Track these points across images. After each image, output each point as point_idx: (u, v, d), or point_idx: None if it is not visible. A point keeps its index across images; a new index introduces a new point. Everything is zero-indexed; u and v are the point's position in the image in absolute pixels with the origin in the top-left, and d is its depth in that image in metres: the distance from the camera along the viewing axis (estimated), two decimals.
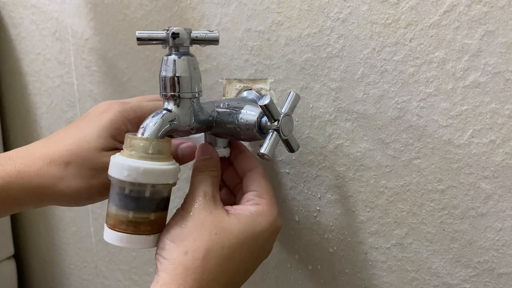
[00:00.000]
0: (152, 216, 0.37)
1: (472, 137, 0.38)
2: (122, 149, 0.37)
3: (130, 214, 0.36)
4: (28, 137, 0.85)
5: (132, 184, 0.35)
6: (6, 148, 0.90)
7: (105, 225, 0.37)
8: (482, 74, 0.36)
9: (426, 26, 0.38)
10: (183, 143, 0.45)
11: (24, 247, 0.96)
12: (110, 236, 0.36)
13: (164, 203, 0.38)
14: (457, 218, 0.40)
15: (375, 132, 0.42)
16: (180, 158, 0.44)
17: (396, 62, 0.40)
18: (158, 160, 0.36)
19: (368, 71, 0.41)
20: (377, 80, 0.41)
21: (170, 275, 0.34)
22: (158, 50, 0.59)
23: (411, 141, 0.41)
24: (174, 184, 0.38)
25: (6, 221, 0.91)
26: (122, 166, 0.35)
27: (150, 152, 0.36)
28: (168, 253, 0.36)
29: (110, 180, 0.36)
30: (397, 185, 0.42)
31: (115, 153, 0.37)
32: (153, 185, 0.36)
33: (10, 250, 0.92)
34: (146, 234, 0.36)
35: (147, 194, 0.36)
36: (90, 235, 0.80)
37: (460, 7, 0.36)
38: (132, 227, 0.36)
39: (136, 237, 0.36)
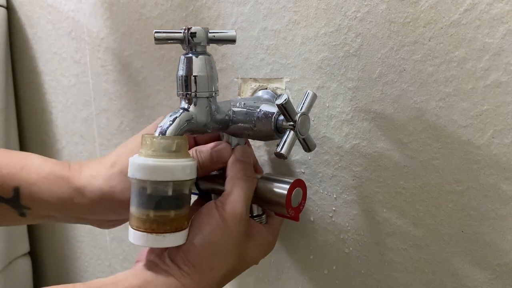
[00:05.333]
0: (186, 211, 0.37)
1: (493, 137, 0.37)
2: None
3: (172, 213, 0.36)
4: (43, 136, 0.86)
5: (175, 183, 0.35)
6: (21, 146, 0.91)
7: (141, 232, 0.36)
8: (503, 74, 0.35)
9: (446, 25, 0.37)
10: (215, 145, 0.45)
11: (39, 244, 0.97)
12: (150, 239, 0.36)
13: (191, 197, 0.39)
14: (477, 220, 0.39)
15: (392, 132, 0.42)
16: (214, 161, 0.44)
17: (415, 61, 0.39)
18: (183, 157, 0.36)
19: (386, 70, 0.41)
20: (395, 80, 0.41)
21: (195, 281, 0.37)
22: (174, 49, 0.59)
23: (429, 141, 0.40)
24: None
25: None
26: (158, 167, 0.35)
27: (174, 149, 0.36)
28: (197, 260, 0.37)
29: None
30: (414, 185, 0.42)
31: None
32: (186, 182, 0.36)
33: (26, 247, 0.94)
34: (183, 230, 0.37)
35: (186, 191, 0.37)
36: (105, 233, 0.80)
37: (481, 6, 0.35)
38: (175, 225, 0.36)
39: (176, 234, 0.36)
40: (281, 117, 0.40)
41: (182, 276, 0.36)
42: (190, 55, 0.39)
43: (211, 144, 0.45)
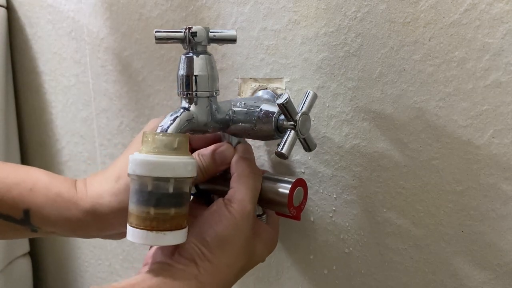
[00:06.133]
0: (186, 209, 0.37)
1: (493, 137, 0.37)
2: None
3: (172, 211, 0.36)
4: (43, 135, 0.86)
5: (176, 180, 0.35)
6: (21, 146, 0.91)
7: (140, 230, 0.35)
8: (503, 74, 0.36)
9: (446, 25, 0.37)
10: (217, 147, 0.45)
11: (39, 244, 0.97)
12: (150, 237, 0.35)
13: (189, 197, 0.39)
14: (477, 220, 0.39)
15: (393, 132, 0.42)
16: (217, 164, 0.44)
17: (415, 61, 0.39)
18: (184, 154, 0.36)
19: (386, 70, 0.41)
20: (395, 80, 0.41)
21: (212, 278, 0.37)
22: (174, 49, 0.59)
23: (429, 141, 0.40)
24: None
25: None
26: (160, 163, 0.35)
27: (175, 147, 0.36)
28: (214, 257, 0.37)
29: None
30: (414, 185, 0.42)
31: None
32: (187, 179, 0.36)
33: (26, 247, 0.94)
34: (183, 228, 0.37)
35: (187, 189, 0.37)
36: None
37: (481, 6, 0.36)
38: (175, 224, 0.36)
39: (176, 232, 0.36)
40: (282, 117, 0.40)
41: (199, 273, 0.37)
42: (191, 54, 0.39)
43: (212, 147, 0.44)
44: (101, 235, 0.45)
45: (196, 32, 0.38)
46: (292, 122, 0.39)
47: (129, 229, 0.36)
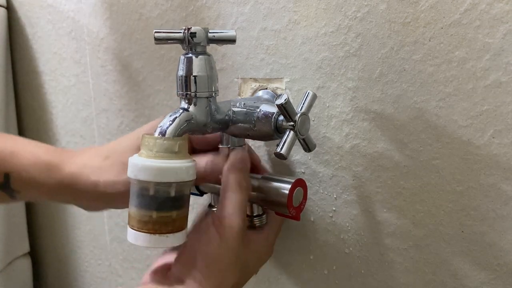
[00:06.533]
0: (186, 211, 0.37)
1: (493, 137, 0.37)
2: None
3: (174, 214, 0.36)
4: (43, 136, 0.86)
5: (178, 184, 0.35)
6: None
7: (143, 233, 0.36)
8: (503, 74, 0.35)
9: (446, 25, 0.37)
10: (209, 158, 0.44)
11: (39, 244, 0.97)
12: (153, 240, 0.35)
13: (189, 198, 0.39)
14: (477, 220, 0.39)
15: (393, 132, 0.42)
16: (208, 173, 0.44)
17: (415, 61, 0.39)
18: (184, 158, 0.36)
19: (386, 70, 0.41)
20: (395, 80, 0.41)
21: None
22: (174, 49, 0.59)
23: (429, 141, 0.40)
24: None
25: (21, 218, 0.92)
26: (163, 169, 0.35)
27: (176, 150, 0.36)
28: (203, 278, 0.37)
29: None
30: (415, 185, 0.42)
31: None
32: (188, 182, 0.36)
33: (26, 248, 0.94)
34: (184, 230, 0.37)
35: (187, 192, 0.37)
36: (105, 233, 0.80)
37: (482, 6, 0.35)
38: (177, 226, 0.36)
39: (177, 234, 0.36)
40: (281, 117, 0.40)
41: None
42: (190, 55, 0.39)
43: (209, 156, 0.44)
44: (74, 202, 0.45)
45: (195, 33, 0.38)
46: (291, 123, 0.39)
47: (131, 232, 0.36)
